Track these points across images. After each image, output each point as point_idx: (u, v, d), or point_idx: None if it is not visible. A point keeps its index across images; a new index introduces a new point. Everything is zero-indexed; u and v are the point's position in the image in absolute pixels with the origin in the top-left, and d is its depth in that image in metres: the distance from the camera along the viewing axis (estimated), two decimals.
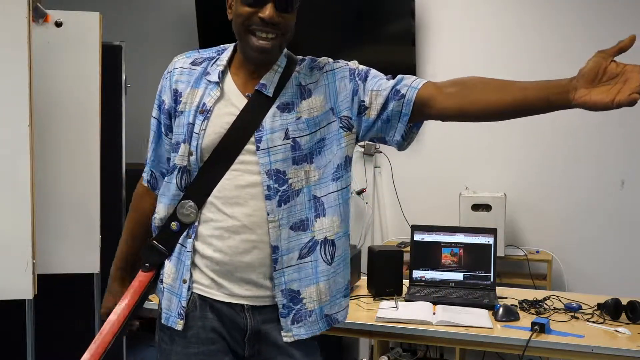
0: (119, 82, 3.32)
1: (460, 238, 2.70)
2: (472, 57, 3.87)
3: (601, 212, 3.69)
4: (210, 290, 1.54)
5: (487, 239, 2.68)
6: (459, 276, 2.67)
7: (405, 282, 2.67)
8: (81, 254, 2.86)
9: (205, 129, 1.51)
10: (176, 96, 1.56)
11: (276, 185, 1.50)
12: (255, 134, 1.50)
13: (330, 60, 1.63)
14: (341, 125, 1.57)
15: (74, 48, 2.82)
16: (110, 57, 3.16)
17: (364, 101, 1.57)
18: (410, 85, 1.57)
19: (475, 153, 3.89)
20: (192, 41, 4.26)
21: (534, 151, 3.79)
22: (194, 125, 1.51)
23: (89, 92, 2.84)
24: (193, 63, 1.58)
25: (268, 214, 1.50)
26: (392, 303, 2.44)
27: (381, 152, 4.02)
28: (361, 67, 1.63)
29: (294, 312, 1.54)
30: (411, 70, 3.85)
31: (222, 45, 1.63)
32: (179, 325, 1.54)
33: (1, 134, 2.35)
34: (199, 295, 1.54)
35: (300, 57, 1.63)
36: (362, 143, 4.00)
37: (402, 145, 1.60)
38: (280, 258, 1.51)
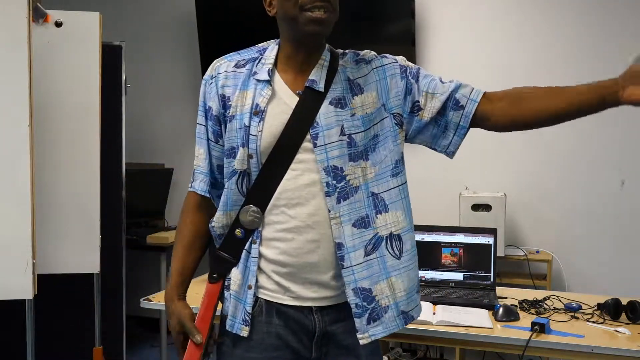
0: (119, 82, 3.32)
1: (460, 238, 2.70)
2: (472, 57, 3.87)
3: (601, 212, 3.69)
4: (276, 295, 1.52)
5: (487, 239, 2.68)
6: (459, 276, 2.67)
7: None
8: (81, 254, 2.86)
9: (262, 130, 1.49)
10: (224, 101, 1.53)
11: (334, 182, 1.49)
12: (311, 131, 1.49)
13: (375, 54, 1.64)
14: (395, 122, 1.57)
15: (74, 48, 2.82)
16: (110, 57, 3.16)
17: (418, 101, 1.58)
18: (469, 97, 1.59)
19: (475, 153, 3.88)
20: (192, 41, 4.26)
21: (534, 151, 3.79)
22: (249, 127, 1.49)
23: (89, 92, 2.84)
24: (236, 66, 1.55)
25: (329, 211, 1.49)
26: None
27: None
28: (410, 64, 1.64)
29: (369, 311, 1.52)
30: None
31: (260, 45, 1.60)
32: (243, 332, 1.52)
33: (1, 134, 2.35)
34: (265, 300, 1.53)
35: (341, 50, 1.63)
36: None
37: (453, 155, 1.66)
38: (347, 255, 1.50)
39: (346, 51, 1.64)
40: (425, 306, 2.41)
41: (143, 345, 4.10)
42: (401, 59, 1.63)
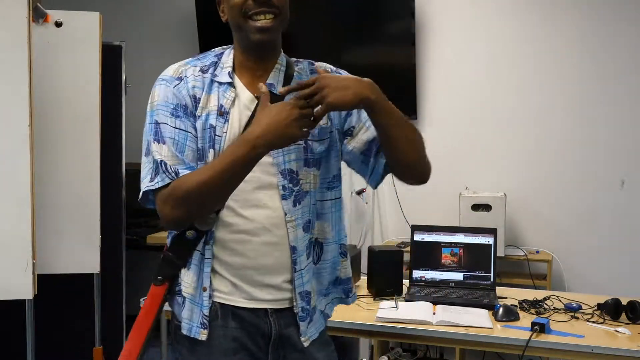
0: (119, 82, 3.32)
1: (460, 238, 2.70)
2: (472, 57, 3.87)
3: (601, 212, 3.69)
4: (230, 297, 1.51)
5: (487, 239, 2.68)
6: (459, 276, 2.67)
7: (405, 282, 2.67)
8: (81, 254, 2.86)
9: (226, 132, 1.49)
10: (195, 103, 1.51)
11: (291, 185, 1.51)
12: None
13: (331, 67, 1.64)
14: (338, 138, 1.61)
15: (74, 48, 2.82)
16: (110, 57, 3.16)
17: (353, 127, 1.60)
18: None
19: (475, 153, 3.89)
20: (192, 41, 4.26)
21: (534, 151, 3.79)
22: (215, 127, 1.49)
23: (89, 92, 2.84)
24: (201, 70, 1.54)
25: (286, 214, 1.50)
26: (392, 303, 2.44)
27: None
28: None
29: (309, 313, 1.56)
30: (411, 70, 3.85)
31: (215, 50, 1.60)
32: (202, 335, 1.50)
33: (1, 134, 2.35)
34: (220, 303, 1.51)
35: (295, 59, 1.63)
36: None
37: (375, 187, 1.68)
38: (299, 259, 1.52)
39: (300, 60, 1.64)
40: (426, 306, 2.42)
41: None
42: None
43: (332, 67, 1.64)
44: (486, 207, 3.54)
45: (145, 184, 1.49)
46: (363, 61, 4.01)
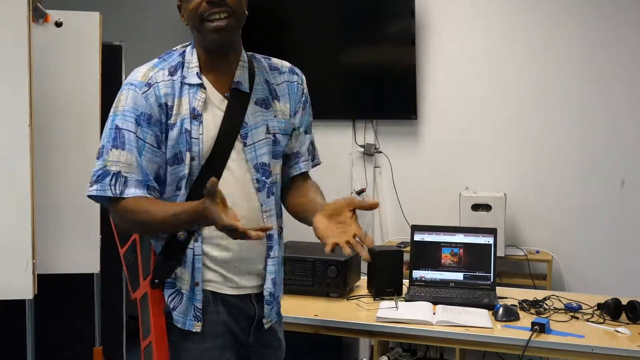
0: (119, 82, 3.32)
1: (460, 238, 2.70)
2: (472, 57, 3.87)
3: (601, 212, 3.69)
4: (220, 286, 1.60)
5: (487, 239, 2.68)
6: (459, 276, 2.67)
7: (405, 282, 2.67)
8: (81, 254, 2.86)
9: (202, 134, 1.55)
10: (167, 110, 1.54)
11: (264, 178, 1.61)
12: (241, 131, 1.59)
13: (284, 64, 1.72)
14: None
15: (74, 48, 2.82)
16: (110, 57, 3.16)
17: (295, 128, 1.71)
18: (300, 162, 1.74)
19: (475, 153, 3.89)
20: (192, 41, 4.26)
21: (534, 151, 3.79)
22: (191, 131, 1.54)
23: (89, 92, 2.84)
24: (170, 74, 1.57)
25: (261, 205, 1.60)
26: (392, 303, 2.44)
27: (381, 152, 4.03)
28: (307, 90, 1.75)
29: (276, 298, 1.69)
30: (411, 70, 3.85)
31: (177, 48, 1.65)
32: (196, 328, 1.58)
33: (1, 134, 2.35)
34: (211, 291, 1.60)
35: (250, 53, 1.69)
36: (362, 143, 4.02)
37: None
38: (274, 247, 1.64)
39: (255, 54, 1.70)
40: (426, 306, 2.42)
41: None
42: (303, 81, 1.74)
43: (288, 64, 1.73)
44: (486, 207, 3.54)
45: (87, 187, 1.55)
46: (363, 61, 4.01)
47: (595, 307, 2.42)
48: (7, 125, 2.35)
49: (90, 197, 1.55)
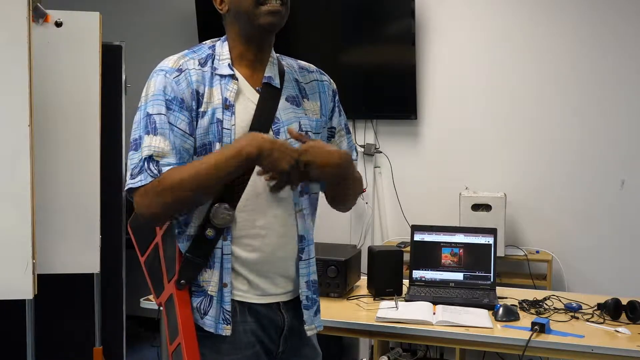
0: (119, 82, 3.32)
1: (460, 238, 2.70)
2: (472, 57, 3.87)
3: (601, 212, 3.69)
4: (247, 295, 1.54)
5: (487, 239, 2.68)
6: (459, 276, 2.67)
7: (405, 282, 2.67)
8: (81, 254, 2.86)
9: (235, 125, 1.49)
10: (198, 97, 1.49)
11: None
12: (273, 126, 1.53)
13: (312, 65, 1.72)
14: (327, 135, 1.68)
15: (74, 48, 2.82)
16: (110, 57, 3.16)
17: (334, 127, 1.69)
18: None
19: (475, 153, 3.89)
20: (192, 41, 4.24)
21: (534, 151, 3.79)
22: (222, 121, 1.48)
23: (89, 92, 2.84)
24: (200, 64, 1.53)
25: (295, 204, 1.55)
26: (392, 303, 2.44)
27: (381, 152, 4.03)
28: (336, 92, 1.73)
29: (316, 303, 1.62)
30: (411, 70, 3.85)
31: (206, 42, 1.59)
32: (226, 331, 1.51)
33: (1, 134, 2.35)
34: (238, 301, 1.53)
35: (277, 54, 1.65)
36: (362, 142, 4.02)
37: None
38: (307, 248, 1.58)
39: (282, 56, 1.67)
40: (426, 306, 2.41)
41: (143, 345, 4.10)
42: (333, 83, 1.72)
43: (315, 67, 1.72)
44: (486, 207, 3.54)
45: (129, 181, 1.46)
46: (363, 61, 4.01)
47: (595, 307, 2.42)
48: (7, 125, 2.35)
49: (129, 190, 1.46)
